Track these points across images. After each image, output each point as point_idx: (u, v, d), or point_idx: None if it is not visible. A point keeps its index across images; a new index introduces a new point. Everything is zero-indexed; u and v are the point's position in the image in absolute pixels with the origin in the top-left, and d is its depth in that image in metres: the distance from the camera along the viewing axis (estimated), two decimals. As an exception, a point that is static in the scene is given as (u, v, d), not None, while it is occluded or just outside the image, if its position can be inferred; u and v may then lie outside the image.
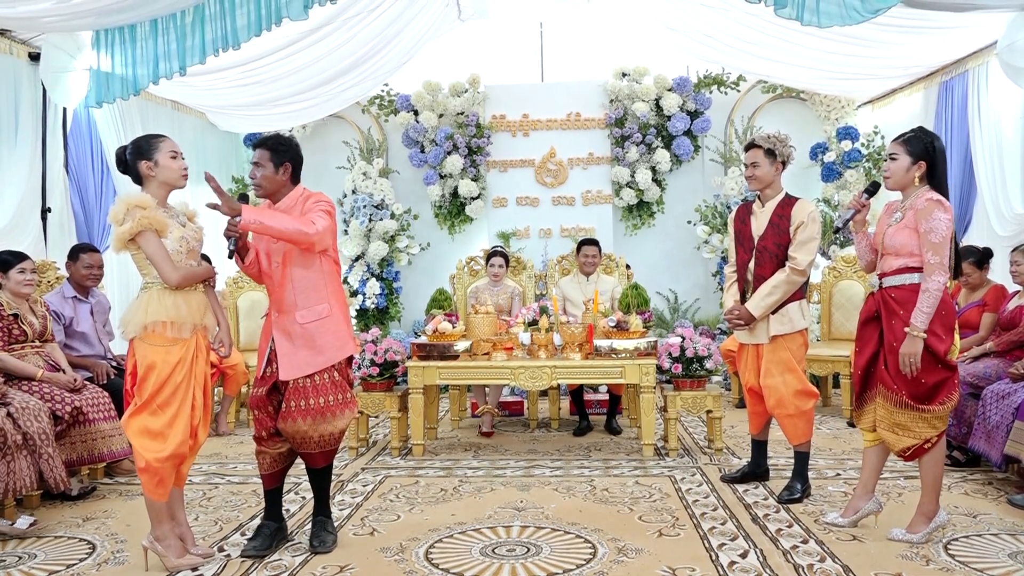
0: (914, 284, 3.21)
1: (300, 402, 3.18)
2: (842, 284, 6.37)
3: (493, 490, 4.19)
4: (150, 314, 3.04)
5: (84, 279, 4.76)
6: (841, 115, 7.42)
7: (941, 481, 3.31)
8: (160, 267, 3.05)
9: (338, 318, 3.29)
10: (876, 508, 3.49)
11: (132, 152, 3.16)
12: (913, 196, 3.26)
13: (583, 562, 3.14)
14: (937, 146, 3.25)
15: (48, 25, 4.82)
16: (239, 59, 5.66)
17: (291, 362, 3.20)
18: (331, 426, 3.22)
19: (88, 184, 5.57)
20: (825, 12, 4.44)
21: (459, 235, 7.95)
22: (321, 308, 3.24)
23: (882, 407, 3.28)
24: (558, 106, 7.69)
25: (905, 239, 3.21)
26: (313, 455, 3.29)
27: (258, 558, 3.24)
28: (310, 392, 3.19)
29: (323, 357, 3.22)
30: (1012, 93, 5.20)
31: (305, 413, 3.17)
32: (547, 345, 4.95)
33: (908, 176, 3.25)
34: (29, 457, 3.75)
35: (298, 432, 3.19)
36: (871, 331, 3.35)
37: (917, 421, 3.19)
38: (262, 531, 3.35)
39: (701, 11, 5.97)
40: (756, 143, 3.96)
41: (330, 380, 3.24)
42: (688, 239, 7.78)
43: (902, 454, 3.27)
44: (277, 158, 3.25)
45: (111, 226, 3.15)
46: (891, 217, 3.32)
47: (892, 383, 3.22)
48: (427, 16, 6.44)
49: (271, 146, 3.26)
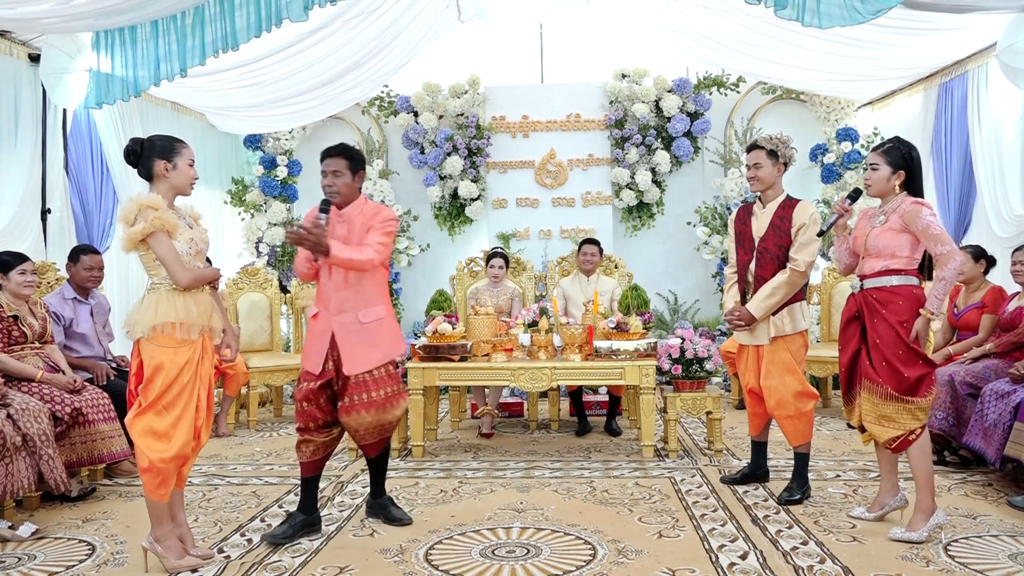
0: (894, 286, 3.37)
1: (363, 395, 3.43)
2: (841, 285, 6.37)
3: (493, 491, 4.18)
4: (160, 315, 3.04)
5: (85, 280, 4.76)
6: (841, 116, 7.42)
7: (932, 476, 3.38)
8: (171, 268, 3.06)
9: (392, 318, 3.62)
10: (902, 503, 3.58)
11: (152, 149, 3.15)
12: (894, 201, 3.43)
13: (583, 563, 3.14)
14: (914, 155, 3.45)
15: (48, 26, 4.82)
16: (239, 60, 5.66)
17: (355, 357, 3.43)
18: (390, 415, 3.49)
19: (88, 185, 5.56)
20: (826, 13, 4.44)
21: (459, 236, 7.95)
22: (379, 309, 3.52)
23: (867, 401, 3.40)
24: (558, 107, 7.70)
25: (888, 241, 3.37)
26: (372, 444, 3.56)
27: (274, 545, 3.37)
28: (371, 385, 3.44)
29: (382, 352, 3.49)
30: (1012, 94, 5.20)
31: (368, 405, 3.43)
32: (547, 346, 4.95)
33: (889, 185, 3.44)
34: (29, 458, 3.74)
35: (361, 424, 3.44)
36: (853, 330, 3.50)
37: (902, 412, 3.31)
38: (289, 520, 3.51)
39: (701, 12, 5.97)
40: (759, 144, 3.97)
41: (387, 373, 3.51)
42: (688, 240, 7.78)
43: (889, 445, 3.39)
44: (354, 167, 3.50)
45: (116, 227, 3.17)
46: (873, 220, 3.47)
47: (876, 377, 3.36)
48: (427, 17, 6.44)
49: (350, 155, 3.50)
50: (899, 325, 3.32)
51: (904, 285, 3.36)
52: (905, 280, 3.37)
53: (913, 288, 3.37)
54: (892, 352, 3.32)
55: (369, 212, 3.52)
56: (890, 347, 3.33)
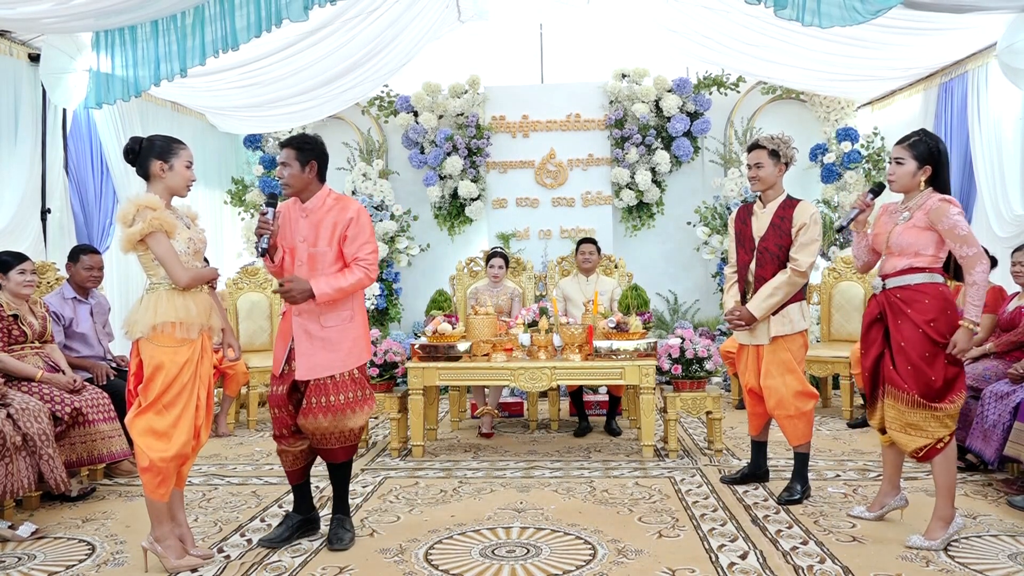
0: (919, 284, 3.21)
1: (320, 399, 3.25)
2: (842, 285, 6.37)
3: (493, 491, 4.18)
4: (159, 315, 3.04)
5: (85, 280, 4.76)
6: (841, 116, 7.42)
7: (955, 485, 3.29)
8: (170, 268, 3.06)
9: (359, 324, 3.39)
10: (902, 503, 3.54)
11: (149, 149, 3.15)
12: (919, 197, 3.28)
13: (583, 563, 3.14)
14: (942, 149, 3.28)
15: (48, 26, 4.82)
16: (239, 60, 5.66)
17: (309, 363, 3.26)
18: (350, 422, 3.29)
19: (88, 185, 5.57)
20: (826, 13, 4.44)
21: (459, 236, 7.95)
22: (345, 314, 3.33)
23: (892, 408, 3.26)
24: (558, 107, 7.70)
25: (912, 239, 3.22)
26: (333, 451, 3.36)
27: (271, 548, 3.33)
28: (330, 389, 3.26)
29: (341, 361, 3.30)
30: (1011, 94, 5.20)
31: (326, 410, 3.25)
32: (547, 346, 4.95)
33: (914, 180, 3.28)
34: (29, 458, 3.74)
35: (318, 429, 3.27)
36: (875, 332, 3.35)
37: (930, 420, 3.18)
38: (285, 521, 3.45)
39: (701, 12, 5.97)
40: (760, 144, 3.96)
41: (350, 377, 3.31)
42: (688, 240, 7.78)
43: (915, 455, 3.25)
44: (303, 156, 3.29)
45: (115, 227, 3.16)
46: (897, 217, 3.32)
47: (902, 383, 3.20)
48: (427, 17, 6.44)
49: (297, 145, 3.31)
50: (926, 325, 3.16)
51: (930, 283, 3.20)
52: (930, 278, 3.21)
53: (939, 286, 3.21)
54: (918, 355, 3.17)
55: (336, 207, 3.32)
56: (916, 349, 3.17)
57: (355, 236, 3.30)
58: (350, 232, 3.29)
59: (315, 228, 3.31)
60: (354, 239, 3.29)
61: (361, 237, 3.30)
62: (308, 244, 3.31)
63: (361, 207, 3.36)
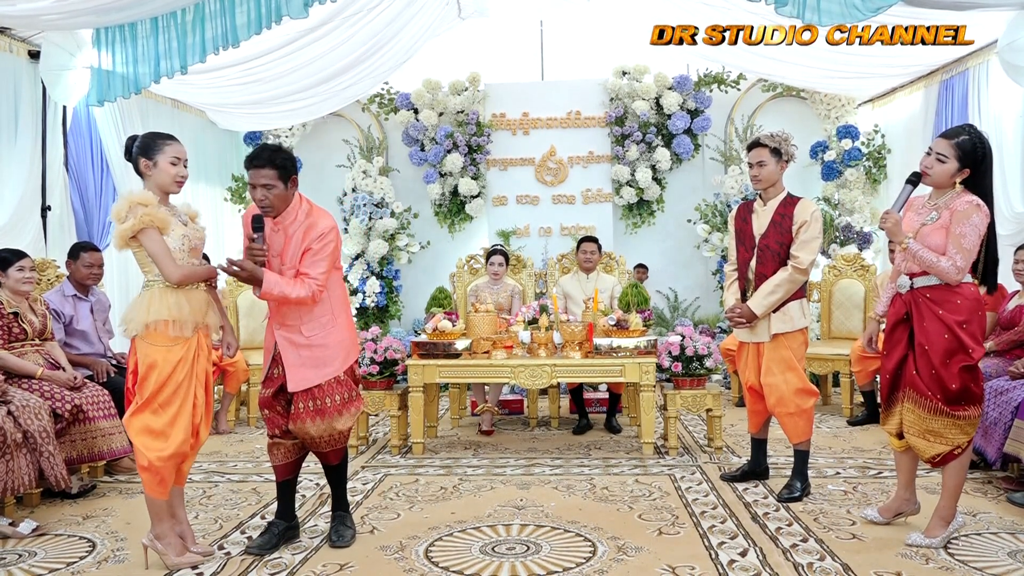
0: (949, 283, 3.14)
1: (308, 403, 3.22)
2: (842, 283, 6.37)
3: (493, 488, 4.19)
4: (152, 313, 3.04)
5: (85, 278, 4.76)
6: (841, 114, 7.42)
7: (962, 487, 3.26)
8: (161, 264, 3.05)
9: (342, 326, 3.33)
10: (914, 509, 3.47)
11: (137, 147, 3.15)
12: (948, 195, 3.18)
13: (583, 560, 3.14)
14: (988, 152, 3.15)
15: (48, 23, 4.81)
16: (239, 57, 5.66)
17: (297, 375, 3.23)
18: (339, 424, 3.27)
19: (88, 182, 5.56)
20: (826, 10, 4.43)
21: (459, 233, 7.94)
22: (325, 320, 3.27)
23: (912, 412, 3.20)
24: (558, 104, 7.69)
25: (940, 240, 3.12)
26: (325, 453, 3.34)
27: (259, 556, 3.25)
28: (317, 393, 3.23)
29: (329, 369, 3.26)
30: (1012, 92, 5.20)
31: (314, 414, 3.22)
32: (547, 344, 4.95)
33: (950, 180, 3.17)
34: (29, 455, 3.75)
35: (307, 433, 3.24)
36: (900, 334, 3.26)
37: (950, 427, 3.13)
38: (270, 529, 3.38)
39: (702, 9, 5.96)
40: (761, 142, 3.95)
41: (335, 379, 3.28)
42: (688, 238, 7.78)
43: (931, 461, 3.21)
44: (285, 175, 3.17)
45: (112, 224, 3.15)
46: (926, 216, 3.22)
47: (926, 388, 3.14)
48: (427, 14, 6.43)
49: (278, 164, 3.15)
50: (957, 326, 3.08)
51: (962, 282, 3.12)
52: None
53: (971, 286, 3.13)
54: (939, 358, 3.09)
55: (306, 221, 3.20)
56: (939, 352, 3.09)
57: (315, 252, 3.17)
58: (314, 246, 3.17)
59: (286, 244, 3.22)
60: (314, 254, 3.17)
61: (320, 255, 3.17)
62: (280, 259, 3.22)
63: (333, 226, 3.24)
